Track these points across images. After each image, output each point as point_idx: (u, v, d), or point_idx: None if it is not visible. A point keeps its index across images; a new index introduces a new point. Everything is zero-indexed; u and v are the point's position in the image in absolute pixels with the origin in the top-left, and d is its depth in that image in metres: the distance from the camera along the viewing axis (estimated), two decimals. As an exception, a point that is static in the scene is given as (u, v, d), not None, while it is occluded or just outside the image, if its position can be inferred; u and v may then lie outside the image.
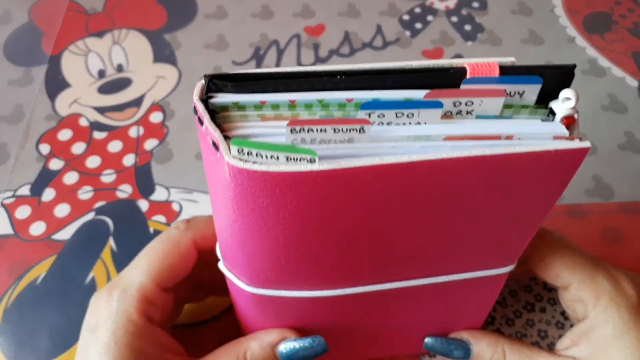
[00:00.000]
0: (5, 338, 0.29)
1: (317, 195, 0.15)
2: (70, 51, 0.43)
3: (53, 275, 0.32)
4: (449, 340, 0.25)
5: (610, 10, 0.47)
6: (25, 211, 0.34)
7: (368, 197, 0.16)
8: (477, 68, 0.16)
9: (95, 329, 0.21)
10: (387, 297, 0.22)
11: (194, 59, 0.43)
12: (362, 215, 0.16)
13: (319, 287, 0.20)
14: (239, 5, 0.47)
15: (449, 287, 0.21)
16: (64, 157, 0.37)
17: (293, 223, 0.16)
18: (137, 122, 0.39)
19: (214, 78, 0.15)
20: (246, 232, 0.17)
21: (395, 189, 0.16)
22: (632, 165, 0.37)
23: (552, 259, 0.23)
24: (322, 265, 0.19)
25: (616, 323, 0.22)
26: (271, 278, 0.19)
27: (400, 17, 0.46)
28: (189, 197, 0.35)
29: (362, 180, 0.15)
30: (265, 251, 0.18)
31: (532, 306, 0.30)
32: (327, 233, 0.17)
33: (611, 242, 0.33)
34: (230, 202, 0.16)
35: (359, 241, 0.18)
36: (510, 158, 0.15)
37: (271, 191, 0.15)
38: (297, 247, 0.17)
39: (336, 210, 0.16)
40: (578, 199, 0.35)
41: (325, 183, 0.15)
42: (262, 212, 0.16)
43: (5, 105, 0.40)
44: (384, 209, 0.16)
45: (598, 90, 0.41)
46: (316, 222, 0.16)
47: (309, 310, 0.21)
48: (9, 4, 0.47)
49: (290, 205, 0.16)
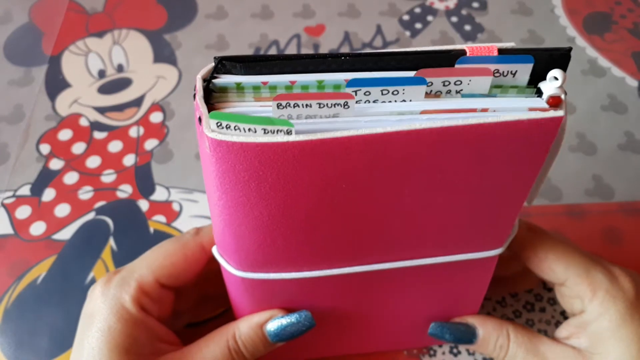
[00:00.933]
0: (6, 338, 0.29)
1: (296, 169, 0.16)
2: (71, 51, 0.43)
3: (53, 275, 0.32)
4: (453, 325, 0.25)
5: (610, 11, 0.47)
6: (26, 211, 0.34)
7: (346, 171, 0.16)
8: (476, 51, 0.16)
9: (91, 315, 0.22)
10: (377, 282, 0.22)
11: (194, 59, 0.43)
12: (342, 190, 0.17)
13: (306, 268, 0.20)
14: (239, 5, 0.47)
15: (439, 271, 0.22)
16: (64, 157, 0.37)
17: (275, 198, 0.17)
18: (137, 122, 0.39)
19: (223, 59, 0.16)
20: (231, 209, 0.17)
21: (372, 163, 0.16)
22: (632, 165, 0.37)
23: (546, 254, 0.23)
24: (307, 244, 0.19)
25: (612, 316, 0.22)
26: (258, 259, 0.19)
27: (400, 17, 0.46)
28: (189, 197, 0.35)
29: (337, 153, 0.15)
30: (251, 230, 0.18)
31: (532, 306, 0.30)
32: (309, 209, 0.17)
33: (611, 242, 0.33)
34: (214, 178, 0.16)
35: (341, 219, 0.18)
36: (482, 128, 0.15)
37: (251, 164, 0.15)
38: (281, 224, 0.18)
39: (316, 185, 0.16)
40: (578, 199, 0.35)
41: (302, 155, 0.15)
42: (244, 187, 0.16)
43: (6, 105, 0.40)
44: (363, 184, 0.17)
45: (598, 90, 0.41)
46: (297, 197, 0.17)
47: (299, 295, 0.22)
48: (9, 4, 0.47)
49: (271, 179, 0.16)
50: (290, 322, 0.22)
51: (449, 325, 0.25)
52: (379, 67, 0.16)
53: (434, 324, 0.25)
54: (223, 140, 0.15)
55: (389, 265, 0.21)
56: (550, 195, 0.35)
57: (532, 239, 0.24)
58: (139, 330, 0.21)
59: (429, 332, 0.25)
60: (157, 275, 0.22)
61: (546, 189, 0.36)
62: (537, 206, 0.35)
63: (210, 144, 0.15)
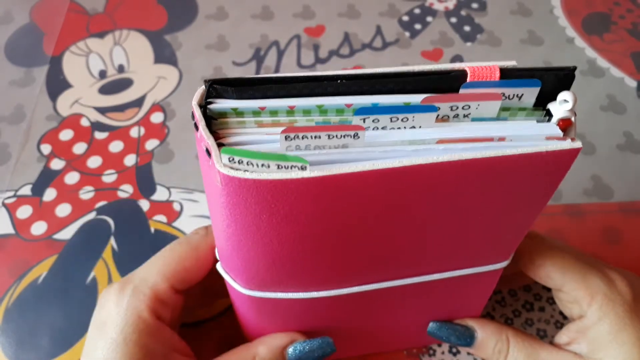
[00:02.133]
0: (7, 337, 0.29)
1: (309, 202, 0.15)
2: (71, 52, 0.43)
3: (54, 275, 0.32)
4: (453, 326, 0.25)
5: (609, 11, 0.47)
6: (27, 211, 0.35)
7: (360, 201, 0.16)
8: (477, 71, 0.16)
9: (104, 324, 0.21)
10: (384, 297, 0.22)
11: (194, 59, 0.43)
12: (355, 220, 0.17)
13: (315, 288, 0.20)
14: (239, 6, 0.47)
15: (445, 284, 0.22)
16: (65, 157, 0.37)
17: (286, 229, 0.16)
18: (138, 123, 0.39)
19: (214, 83, 0.15)
20: (240, 237, 0.17)
21: (388, 193, 0.16)
22: (631, 165, 0.37)
23: (543, 260, 0.23)
24: (317, 268, 0.19)
25: (612, 320, 0.22)
26: (266, 281, 0.19)
27: (400, 18, 0.46)
28: (189, 197, 0.35)
29: (353, 186, 0.15)
30: (260, 255, 0.18)
31: (531, 305, 0.31)
32: (321, 238, 0.17)
33: (610, 242, 0.34)
34: (224, 208, 0.16)
35: (354, 245, 0.18)
36: (502, 160, 0.15)
37: (263, 198, 0.15)
38: (291, 251, 0.17)
39: (329, 216, 0.16)
40: (577, 199, 0.35)
41: (317, 189, 0.15)
42: (255, 219, 0.16)
43: (7, 105, 0.40)
44: (378, 213, 0.16)
45: (597, 91, 0.41)
46: (309, 227, 0.16)
47: (306, 311, 0.22)
48: (10, 5, 0.47)
49: (283, 212, 0.16)
50: (312, 348, 0.22)
51: (448, 325, 0.25)
52: (378, 90, 0.16)
53: (433, 323, 0.25)
54: (236, 177, 0.14)
55: (398, 283, 0.20)
56: (550, 195, 0.36)
57: (529, 246, 0.24)
58: (156, 341, 0.21)
59: (428, 330, 0.25)
60: (171, 282, 0.22)
61: (545, 189, 0.36)
62: (537, 206, 0.35)
63: (222, 179, 0.15)
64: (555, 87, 0.16)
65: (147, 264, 0.23)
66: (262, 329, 0.23)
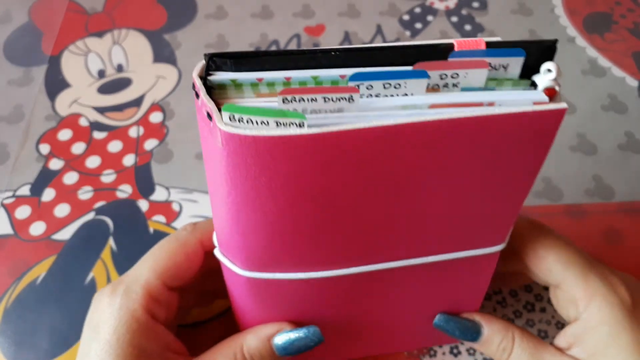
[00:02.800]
0: (6, 338, 0.29)
1: (307, 162, 0.16)
2: (70, 51, 0.43)
3: (53, 275, 0.32)
4: (460, 320, 0.24)
5: (610, 10, 0.47)
6: (25, 211, 0.34)
7: (356, 163, 0.16)
8: (464, 44, 0.17)
9: (97, 326, 0.21)
10: (383, 282, 0.22)
11: (194, 59, 0.43)
12: (352, 184, 0.17)
13: (314, 268, 0.20)
14: (238, 5, 0.47)
15: (441, 268, 0.22)
16: (64, 157, 0.37)
17: (285, 193, 0.17)
18: (137, 122, 0.39)
19: (213, 56, 0.16)
20: (239, 205, 0.17)
21: (383, 155, 0.16)
22: (632, 165, 0.37)
23: (546, 253, 0.23)
24: (316, 241, 0.19)
25: (612, 324, 0.21)
26: (265, 258, 0.19)
27: (400, 17, 0.46)
28: (188, 197, 0.35)
29: (349, 145, 0.16)
30: (259, 227, 0.18)
31: (532, 306, 0.30)
32: (318, 205, 0.17)
33: (611, 242, 0.33)
34: (224, 173, 0.16)
35: (351, 215, 0.18)
36: (491, 119, 0.16)
37: (262, 158, 0.15)
38: (290, 221, 0.18)
39: (327, 179, 0.16)
40: (578, 199, 0.35)
41: (314, 148, 0.15)
42: (255, 182, 0.16)
43: (5, 105, 0.40)
44: (373, 177, 0.17)
45: (598, 90, 0.41)
46: (307, 192, 0.17)
47: (304, 297, 0.21)
48: (8, 4, 0.47)
49: (282, 173, 0.16)
50: (298, 337, 0.22)
51: (455, 318, 0.24)
52: (370, 62, 0.16)
53: (440, 315, 0.24)
54: (236, 134, 0.15)
55: (396, 264, 0.21)
56: (551, 195, 0.35)
57: (534, 237, 0.23)
58: (150, 341, 0.21)
59: (434, 322, 0.24)
60: (163, 278, 0.22)
61: (546, 188, 0.36)
62: (538, 206, 0.35)
63: (222, 137, 0.15)
64: (539, 59, 0.17)
65: (138, 263, 0.23)
66: (258, 318, 0.23)
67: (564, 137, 0.38)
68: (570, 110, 0.40)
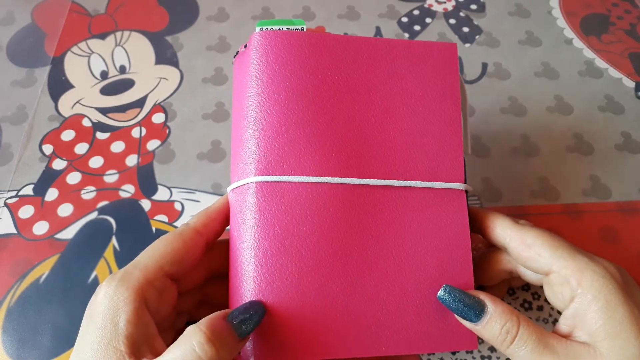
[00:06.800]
0: (8, 336, 0.30)
1: (306, 57, 0.26)
2: (73, 52, 0.44)
3: (56, 274, 0.32)
4: (464, 294, 0.24)
5: (607, 12, 0.47)
6: (29, 211, 0.35)
7: (336, 66, 0.26)
8: None
9: (93, 312, 0.22)
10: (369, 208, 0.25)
11: (195, 60, 0.43)
12: (331, 86, 0.26)
13: (311, 172, 0.25)
14: (240, 7, 0.47)
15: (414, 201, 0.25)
16: (67, 157, 0.37)
17: (290, 79, 0.25)
18: (139, 123, 0.39)
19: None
20: (260, 91, 0.25)
21: (351, 60, 0.26)
22: (629, 165, 0.37)
23: (533, 240, 0.24)
24: (310, 137, 0.25)
25: (607, 297, 0.22)
26: (273, 155, 0.24)
27: (399, 19, 0.46)
28: (190, 197, 0.36)
29: (331, 48, 0.26)
30: (272, 118, 0.25)
31: (530, 304, 0.31)
32: (311, 101, 0.25)
33: (608, 241, 0.34)
34: (252, 69, 0.26)
35: (333, 114, 0.25)
36: (406, 43, 0.27)
37: (278, 49, 0.26)
38: (293, 112, 0.25)
39: (315, 76, 0.25)
40: (575, 199, 0.36)
41: (309, 44, 0.26)
42: (271, 70, 0.25)
43: (9, 105, 0.40)
44: (346, 81, 0.26)
45: (595, 91, 0.41)
46: (308, 86, 0.25)
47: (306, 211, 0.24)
48: (12, 6, 0.47)
49: (290, 63, 0.25)
50: (244, 307, 0.22)
51: (459, 291, 0.24)
52: None
53: (445, 286, 0.24)
54: (263, 32, 0.26)
55: (374, 182, 0.25)
56: (548, 195, 0.36)
57: (520, 230, 0.25)
58: (139, 324, 0.21)
59: (438, 295, 0.24)
60: (161, 263, 0.23)
61: (544, 188, 0.36)
62: (535, 206, 0.35)
63: (254, 38, 0.26)
64: None
65: (139, 255, 0.24)
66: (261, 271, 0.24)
67: (561, 137, 0.39)
68: (568, 111, 0.40)
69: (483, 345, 0.30)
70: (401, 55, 0.27)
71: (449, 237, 0.25)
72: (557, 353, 0.22)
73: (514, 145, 0.38)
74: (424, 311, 0.25)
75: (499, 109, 0.40)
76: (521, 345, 0.22)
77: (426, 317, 0.25)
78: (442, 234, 0.25)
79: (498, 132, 0.39)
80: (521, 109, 0.40)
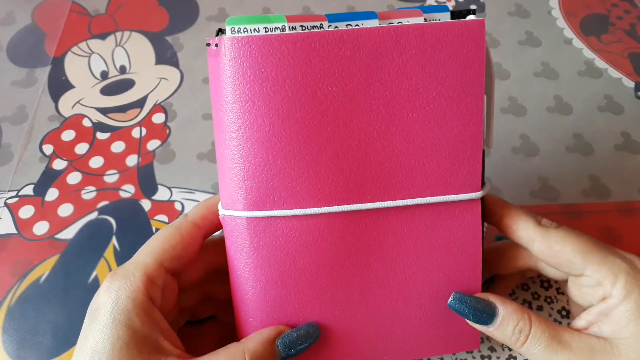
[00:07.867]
0: (9, 336, 0.30)
1: (291, 65, 0.21)
2: (73, 53, 0.44)
3: (56, 274, 0.32)
4: (474, 299, 0.23)
5: (607, 12, 0.47)
6: (29, 211, 0.35)
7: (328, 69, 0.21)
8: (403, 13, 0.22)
9: (96, 310, 0.21)
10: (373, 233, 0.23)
11: (195, 60, 0.43)
12: (327, 95, 0.21)
13: (306, 203, 0.22)
14: (240, 8, 0.47)
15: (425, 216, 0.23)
16: (67, 157, 0.37)
17: (275, 99, 0.21)
18: (139, 123, 0.39)
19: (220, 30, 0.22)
20: (238, 119, 0.21)
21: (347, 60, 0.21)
22: (629, 165, 0.37)
23: (562, 246, 0.23)
24: (303, 164, 0.22)
25: (636, 298, 0.22)
26: (262, 186, 0.22)
27: (400, 19, 0.46)
28: (191, 197, 0.36)
29: (321, 50, 0.21)
30: (256, 145, 0.22)
31: (529, 305, 0.31)
32: (303, 117, 0.21)
33: (608, 241, 0.34)
34: (226, 85, 0.21)
35: (330, 132, 0.22)
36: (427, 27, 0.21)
37: (255, 60, 0.21)
38: (280, 135, 0.21)
39: (307, 86, 0.21)
40: (575, 199, 0.36)
41: (294, 50, 0.21)
42: (250, 88, 0.21)
43: (9, 105, 0.40)
44: (344, 85, 0.21)
45: (595, 91, 0.41)
46: (294, 99, 0.21)
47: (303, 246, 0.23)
48: (12, 6, 0.47)
49: (271, 77, 0.21)
50: (299, 335, 0.22)
51: (469, 297, 0.23)
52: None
53: (455, 293, 0.24)
54: (236, 37, 0.21)
55: (377, 205, 0.22)
56: (548, 195, 0.36)
57: (546, 234, 0.24)
58: (143, 323, 0.21)
59: (449, 302, 0.24)
60: (160, 260, 0.23)
61: (543, 188, 0.36)
62: (535, 206, 0.35)
63: (227, 43, 0.21)
64: (464, 15, 0.23)
65: (137, 252, 0.24)
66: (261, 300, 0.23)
67: (561, 137, 0.39)
68: (567, 111, 0.40)
69: (483, 345, 0.30)
70: (412, 46, 0.21)
71: (459, 251, 0.23)
72: (571, 347, 0.22)
73: (513, 145, 0.38)
74: (428, 319, 0.24)
75: (499, 109, 0.40)
76: (535, 343, 0.22)
77: (430, 324, 0.24)
78: (452, 248, 0.23)
79: (498, 132, 0.39)
80: (521, 109, 0.40)
